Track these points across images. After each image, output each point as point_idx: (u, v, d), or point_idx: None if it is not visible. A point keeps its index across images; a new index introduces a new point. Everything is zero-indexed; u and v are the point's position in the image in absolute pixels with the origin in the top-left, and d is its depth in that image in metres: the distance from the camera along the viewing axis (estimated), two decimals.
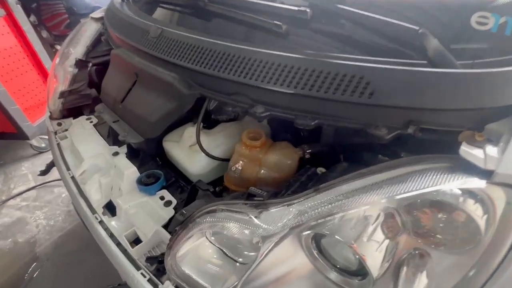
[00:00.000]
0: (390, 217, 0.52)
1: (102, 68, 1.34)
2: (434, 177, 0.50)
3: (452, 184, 0.48)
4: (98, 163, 0.96)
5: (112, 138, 1.03)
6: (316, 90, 0.60)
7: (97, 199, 0.90)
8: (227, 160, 0.87)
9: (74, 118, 1.19)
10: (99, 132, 1.09)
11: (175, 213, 0.76)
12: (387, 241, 0.51)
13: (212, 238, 0.64)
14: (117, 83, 0.99)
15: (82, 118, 1.17)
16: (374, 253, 0.50)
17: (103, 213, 0.87)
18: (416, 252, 0.53)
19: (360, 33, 0.72)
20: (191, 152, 0.86)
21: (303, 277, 0.56)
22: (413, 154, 0.72)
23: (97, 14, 1.48)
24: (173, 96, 0.80)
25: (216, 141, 0.88)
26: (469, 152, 0.49)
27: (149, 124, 0.84)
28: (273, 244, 0.53)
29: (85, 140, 1.05)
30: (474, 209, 0.47)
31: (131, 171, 0.84)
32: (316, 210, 0.53)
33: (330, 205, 0.53)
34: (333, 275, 0.55)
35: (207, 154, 0.83)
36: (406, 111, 0.56)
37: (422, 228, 0.52)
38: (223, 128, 0.93)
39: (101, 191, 0.90)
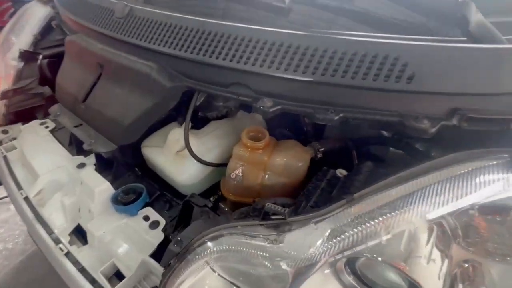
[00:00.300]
0: (439, 226, 0.43)
1: (56, 60, 1.11)
2: (494, 176, 0.41)
3: None
4: (58, 179, 0.77)
5: (76, 146, 0.84)
6: (341, 76, 0.48)
7: (61, 224, 0.72)
8: (224, 165, 0.73)
9: (23, 124, 0.96)
10: (58, 140, 0.88)
11: (165, 236, 0.61)
12: (442, 258, 0.42)
13: (219, 269, 0.50)
14: (76, 78, 0.80)
15: (35, 123, 0.95)
16: (433, 277, 0.40)
17: (70, 242, 0.69)
18: (467, 265, 0.45)
19: (375, 7, 0.61)
20: (178, 158, 0.70)
21: None
22: (429, 148, 0.64)
23: None
24: (152, 90, 0.64)
25: (208, 144, 0.74)
26: None
27: (122, 128, 0.67)
28: (306, 278, 0.41)
29: (40, 150, 0.84)
30: None
31: (104, 188, 0.67)
32: (355, 230, 0.42)
33: (372, 222, 0.42)
34: None
35: (199, 160, 0.68)
36: (451, 97, 0.46)
37: (476, 237, 0.43)
38: (214, 128, 0.78)
39: (65, 215, 0.72)
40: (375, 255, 0.42)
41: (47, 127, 0.94)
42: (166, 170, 0.71)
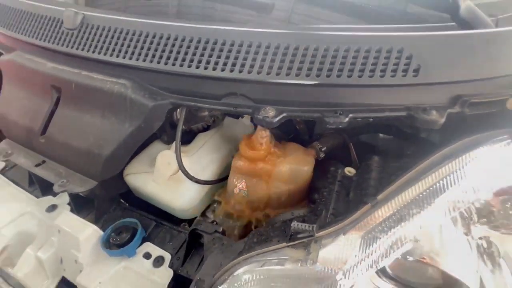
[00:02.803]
0: (461, 215, 0.44)
1: None
2: (508, 157, 0.42)
3: None
4: (26, 230, 0.64)
5: (39, 185, 0.70)
6: (347, 76, 0.45)
7: (40, 283, 0.60)
8: (224, 179, 0.68)
9: None
10: (13, 181, 0.73)
11: (175, 272, 0.55)
12: (469, 242, 0.43)
13: None
14: (26, 106, 0.66)
15: None
16: (469, 268, 0.41)
17: None
18: (482, 240, 0.47)
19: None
20: (172, 183, 0.63)
21: None
22: (417, 130, 0.66)
23: None
24: (130, 112, 0.55)
25: (201, 161, 0.67)
26: None
27: (101, 161, 0.57)
28: None
29: None
30: None
31: (89, 233, 0.57)
32: (388, 234, 0.41)
33: (403, 223, 0.41)
34: None
35: (197, 181, 0.62)
36: (454, 85, 0.46)
37: (489, 215, 0.46)
38: (203, 141, 0.71)
39: (45, 271, 0.60)
40: (408, 256, 0.41)
41: None
42: (160, 198, 0.64)
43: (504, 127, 0.46)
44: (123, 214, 0.67)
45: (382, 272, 0.45)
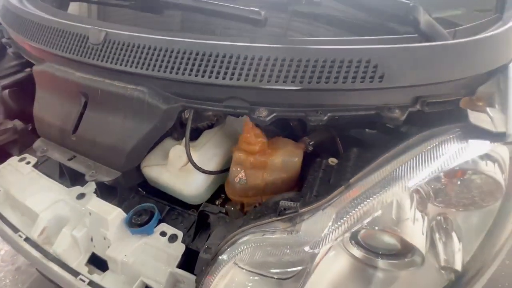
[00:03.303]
0: (417, 192, 0.54)
1: (18, 90, 1.04)
2: (453, 147, 0.52)
3: (470, 152, 0.51)
4: (61, 214, 0.76)
5: (69, 177, 0.82)
6: (325, 82, 0.55)
7: (75, 257, 0.72)
8: (226, 171, 0.79)
9: None
10: (45, 174, 0.85)
11: (187, 246, 0.67)
12: (423, 217, 0.53)
13: (247, 266, 0.57)
14: (57, 109, 0.77)
15: (13, 161, 0.90)
16: (418, 233, 0.51)
17: (89, 271, 0.71)
18: (440, 217, 0.57)
19: (342, 12, 0.69)
20: (183, 173, 0.74)
21: (352, 277, 0.56)
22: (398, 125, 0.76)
23: None
24: (148, 114, 0.66)
25: (207, 154, 0.78)
26: (478, 118, 0.52)
27: (124, 154, 0.68)
28: (322, 256, 0.50)
29: (30, 188, 0.81)
30: (494, 170, 0.51)
31: (116, 214, 0.69)
32: (356, 209, 0.51)
33: (368, 200, 0.51)
34: (381, 263, 0.56)
35: (204, 171, 0.73)
36: (414, 89, 0.56)
37: (444, 195, 0.55)
38: (208, 137, 0.82)
39: (79, 247, 0.72)
40: (373, 226, 0.52)
41: (28, 162, 0.89)
42: (172, 186, 0.75)
43: (457, 122, 0.56)
44: (140, 200, 0.79)
45: (355, 241, 0.56)
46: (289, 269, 0.57)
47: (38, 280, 1.53)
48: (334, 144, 0.80)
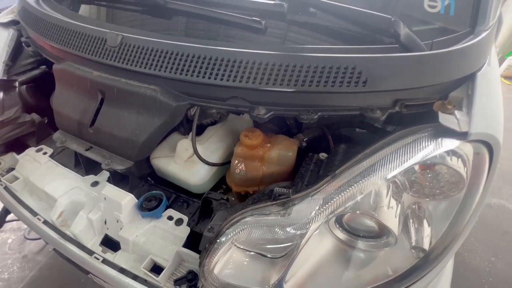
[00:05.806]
0: (394, 184, 0.62)
1: (35, 85, 1.11)
2: (425, 144, 0.60)
3: (439, 148, 0.59)
4: (77, 199, 0.84)
5: (84, 166, 0.90)
6: (315, 85, 0.64)
7: (90, 238, 0.80)
8: (227, 163, 0.87)
9: (17, 154, 0.98)
10: (61, 164, 0.93)
11: (191, 229, 0.75)
12: (397, 204, 0.62)
13: (243, 244, 0.66)
14: (76, 104, 0.85)
15: (31, 152, 0.98)
16: (392, 217, 0.59)
17: (103, 251, 0.79)
18: (415, 206, 0.66)
19: (335, 23, 0.77)
20: (189, 164, 0.82)
21: (335, 256, 0.64)
22: (384, 125, 0.84)
23: (3, 17, 1.18)
24: (159, 110, 0.74)
25: (210, 148, 0.86)
26: (447, 119, 0.61)
27: (137, 145, 0.76)
28: (309, 236, 0.58)
29: (47, 176, 0.89)
30: (458, 164, 0.59)
31: (128, 200, 0.77)
32: (340, 195, 0.59)
33: (350, 188, 0.60)
34: (361, 244, 0.64)
35: (207, 163, 0.81)
36: (394, 93, 0.65)
37: (418, 186, 0.64)
38: (212, 133, 0.91)
39: (93, 229, 0.80)
40: (355, 210, 0.60)
41: (45, 153, 0.97)
42: (179, 176, 0.83)
43: (431, 123, 0.64)
44: (149, 189, 0.87)
45: (339, 224, 0.64)
46: (281, 245, 0.65)
47: (44, 268, 1.61)
48: (325, 140, 0.89)
